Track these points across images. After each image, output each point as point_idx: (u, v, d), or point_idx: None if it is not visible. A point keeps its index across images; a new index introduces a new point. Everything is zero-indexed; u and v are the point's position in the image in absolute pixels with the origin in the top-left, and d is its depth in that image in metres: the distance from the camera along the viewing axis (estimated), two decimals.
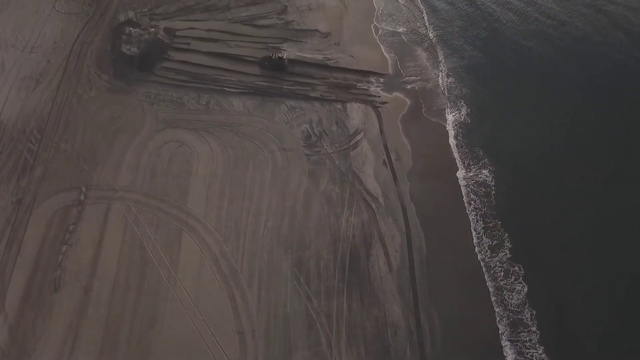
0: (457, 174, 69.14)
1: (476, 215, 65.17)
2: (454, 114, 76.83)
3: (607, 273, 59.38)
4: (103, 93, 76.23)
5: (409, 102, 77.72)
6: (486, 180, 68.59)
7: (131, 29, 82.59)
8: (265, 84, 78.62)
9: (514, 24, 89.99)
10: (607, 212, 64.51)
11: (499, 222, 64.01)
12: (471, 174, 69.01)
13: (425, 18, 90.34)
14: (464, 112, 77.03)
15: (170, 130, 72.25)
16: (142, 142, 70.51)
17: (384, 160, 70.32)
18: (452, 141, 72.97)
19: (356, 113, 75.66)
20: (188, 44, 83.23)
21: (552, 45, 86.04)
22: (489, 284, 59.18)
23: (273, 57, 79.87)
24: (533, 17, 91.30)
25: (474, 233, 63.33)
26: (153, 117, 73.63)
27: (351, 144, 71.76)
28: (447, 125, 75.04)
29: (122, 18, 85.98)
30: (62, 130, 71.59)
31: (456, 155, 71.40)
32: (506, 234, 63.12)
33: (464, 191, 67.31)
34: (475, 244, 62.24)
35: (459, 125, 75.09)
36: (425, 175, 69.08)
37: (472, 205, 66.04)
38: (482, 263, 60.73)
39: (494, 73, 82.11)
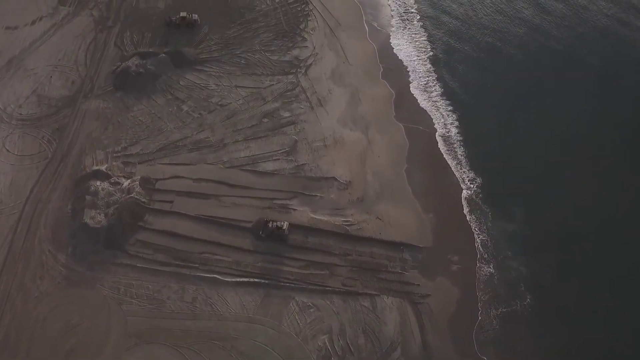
0: None
1: None
2: (513, 307, 59.10)
3: None
4: (58, 285, 58.10)
5: (458, 293, 59.54)
6: None
7: (98, 184, 64.52)
8: (271, 266, 60.52)
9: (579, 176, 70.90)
10: None
11: None
12: None
13: (466, 160, 71.18)
14: (528, 304, 59.25)
15: (143, 349, 54.19)
16: None
17: None
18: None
19: (390, 314, 57.50)
20: (171, 202, 65.13)
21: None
22: None
23: (270, 226, 61.87)
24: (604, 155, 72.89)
25: None
26: (121, 325, 55.54)
27: None
28: (508, 331, 57.08)
29: (88, 162, 67.92)
30: None
31: None
32: None
33: None
34: None
35: (525, 332, 57.29)
36: None
37: None
38: None
39: (553, 243, 64.61)
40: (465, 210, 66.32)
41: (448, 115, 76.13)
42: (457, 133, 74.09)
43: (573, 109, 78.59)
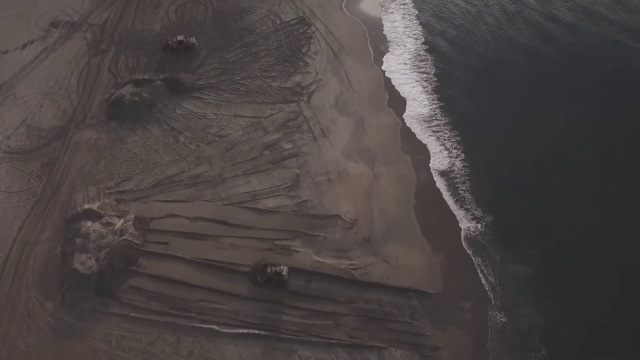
0: None
1: None
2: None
3: None
4: (45, 337, 54.56)
5: (470, 344, 55.96)
6: None
7: (89, 224, 61.08)
8: (271, 315, 56.98)
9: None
10: None
11: None
12: None
13: (475, 196, 67.22)
14: (542, 356, 55.81)
15: None
16: None
17: None
18: None
19: None
20: (166, 244, 61.68)
21: None
22: None
23: (269, 271, 58.38)
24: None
25: None
26: None
27: None
28: None
29: (79, 199, 64.51)
30: None
31: None
32: None
33: None
34: None
35: None
36: None
37: None
38: None
39: (567, 287, 60.88)
40: (475, 251, 62.70)
41: (454, 147, 72.36)
42: (465, 167, 70.30)
43: (587, 135, 75.10)
